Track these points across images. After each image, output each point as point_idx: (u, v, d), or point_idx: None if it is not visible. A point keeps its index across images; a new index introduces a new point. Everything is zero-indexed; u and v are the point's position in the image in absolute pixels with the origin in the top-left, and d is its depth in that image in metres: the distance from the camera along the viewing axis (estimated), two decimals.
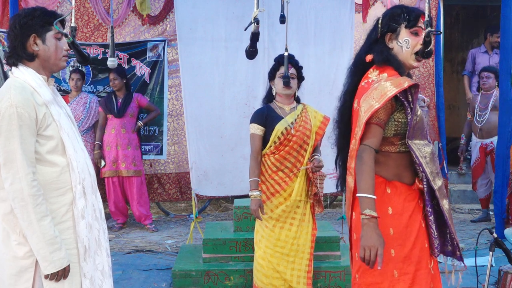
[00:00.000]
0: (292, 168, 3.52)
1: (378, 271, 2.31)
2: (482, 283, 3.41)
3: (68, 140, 2.27)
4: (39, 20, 2.27)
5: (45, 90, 2.28)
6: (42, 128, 2.21)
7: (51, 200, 2.23)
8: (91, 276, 2.31)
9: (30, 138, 2.17)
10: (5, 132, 2.15)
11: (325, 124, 3.60)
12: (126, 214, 6.28)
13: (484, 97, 6.25)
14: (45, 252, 2.16)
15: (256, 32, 2.86)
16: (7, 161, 2.15)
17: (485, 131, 6.18)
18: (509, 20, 5.18)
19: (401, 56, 2.37)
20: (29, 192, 2.13)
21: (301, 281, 3.52)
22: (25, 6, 6.00)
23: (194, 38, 5.05)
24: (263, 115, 3.56)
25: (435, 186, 2.31)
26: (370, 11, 6.31)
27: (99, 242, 2.38)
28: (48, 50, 2.29)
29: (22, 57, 2.28)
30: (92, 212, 2.34)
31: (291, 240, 3.51)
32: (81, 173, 2.28)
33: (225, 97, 5.13)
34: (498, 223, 5.38)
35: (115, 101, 6.03)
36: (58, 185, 2.25)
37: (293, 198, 3.49)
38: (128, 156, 5.99)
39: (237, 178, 5.08)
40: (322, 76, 5.14)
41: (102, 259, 2.39)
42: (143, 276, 4.55)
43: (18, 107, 2.15)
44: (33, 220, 2.14)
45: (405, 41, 2.36)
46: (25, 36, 2.26)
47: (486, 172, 6.28)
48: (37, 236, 2.15)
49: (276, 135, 3.50)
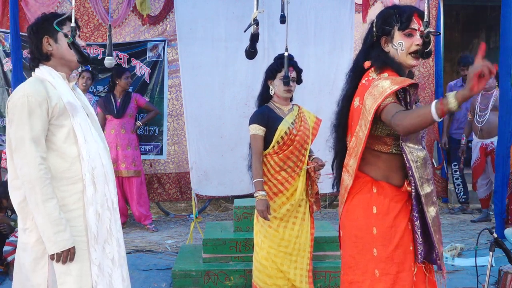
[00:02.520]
0: (294, 167, 3.52)
1: (360, 270, 2.31)
2: (482, 283, 3.40)
3: (79, 130, 2.37)
4: (48, 23, 2.42)
5: (62, 83, 2.41)
6: (54, 117, 2.33)
7: (62, 188, 2.33)
8: (100, 263, 2.38)
9: (40, 126, 2.28)
10: (17, 120, 2.28)
11: (317, 124, 3.65)
12: (126, 214, 6.28)
13: (484, 97, 6.25)
14: (49, 233, 2.25)
15: (255, 33, 2.85)
16: (18, 147, 2.27)
17: (485, 131, 6.18)
18: (509, 20, 5.17)
19: (398, 58, 2.36)
20: (36, 175, 2.24)
21: (303, 280, 3.54)
22: (25, 6, 6.01)
23: (194, 38, 5.05)
24: (264, 115, 3.56)
25: (422, 191, 2.28)
26: (370, 11, 6.32)
27: (110, 231, 2.45)
28: (60, 48, 2.42)
29: (39, 59, 2.44)
30: (103, 201, 2.41)
31: (294, 239, 3.53)
32: (92, 162, 2.37)
33: (225, 97, 5.12)
34: (498, 223, 5.38)
35: (114, 102, 6.03)
36: (69, 174, 2.34)
37: (297, 197, 3.50)
38: (127, 156, 5.99)
39: (237, 178, 5.08)
40: (322, 76, 5.14)
41: (112, 249, 2.46)
42: (143, 276, 4.55)
43: (29, 96, 2.28)
44: (39, 202, 2.24)
45: (399, 44, 2.35)
46: (39, 39, 2.42)
47: (486, 172, 6.28)
48: (42, 216, 2.25)
49: (279, 135, 3.50)
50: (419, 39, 2.32)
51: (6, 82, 6.16)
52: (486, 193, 6.39)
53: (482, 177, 6.34)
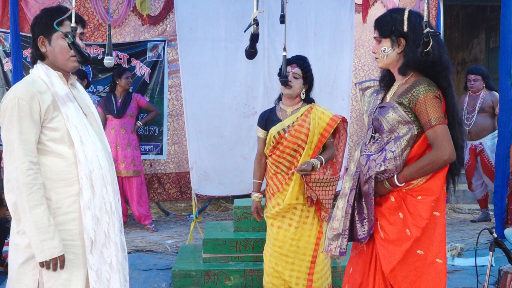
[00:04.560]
0: (287, 171, 3.53)
1: None
2: (482, 283, 3.40)
3: (75, 133, 2.30)
4: (44, 22, 2.35)
5: (57, 83, 2.35)
6: (47, 120, 2.27)
7: (57, 191, 2.28)
8: (98, 268, 2.33)
9: (30, 129, 2.22)
10: (7, 123, 2.23)
11: (331, 125, 3.49)
12: (126, 214, 6.28)
13: (472, 98, 6.26)
14: (36, 240, 2.20)
15: (255, 33, 2.85)
16: (7, 151, 2.23)
17: (474, 133, 6.20)
18: (509, 20, 5.17)
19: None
20: (24, 181, 2.19)
21: (300, 282, 3.50)
22: (25, 6, 6.01)
23: (194, 38, 5.05)
24: (264, 118, 3.63)
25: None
26: (370, 11, 6.31)
27: (108, 235, 2.39)
28: (53, 51, 2.36)
29: (37, 57, 2.39)
30: (101, 204, 2.35)
31: (289, 241, 3.49)
32: (89, 165, 2.31)
33: (225, 97, 5.12)
34: (498, 223, 5.38)
35: (115, 102, 6.03)
36: (64, 176, 2.29)
37: (286, 202, 3.48)
38: (127, 156, 5.99)
39: (237, 178, 5.08)
40: (322, 76, 5.13)
41: (110, 253, 2.39)
42: (143, 276, 4.55)
43: (20, 98, 2.22)
44: (26, 208, 2.19)
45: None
46: (35, 38, 2.37)
47: (478, 172, 6.30)
48: (30, 224, 2.20)
49: (270, 139, 3.54)
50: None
51: (6, 82, 6.16)
52: (482, 194, 6.41)
53: (475, 177, 6.37)
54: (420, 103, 2.38)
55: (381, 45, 2.51)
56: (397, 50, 2.48)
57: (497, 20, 5.78)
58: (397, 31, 2.45)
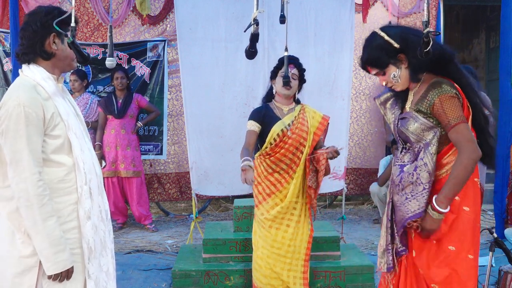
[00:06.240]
0: (287, 169, 3.51)
1: None
2: (482, 283, 3.40)
3: (75, 140, 2.26)
4: (56, 19, 2.26)
5: (54, 88, 2.28)
6: (49, 127, 2.20)
7: (57, 200, 2.21)
8: (96, 277, 2.31)
9: (37, 138, 2.16)
10: (13, 132, 2.13)
11: (323, 124, 3.59)
12: (126, 214, 6.28)
13: None
14: (49, 253, 2.14)
15: (255, 33, 2.85)
16: (14, 161, 2.14)
17: None
18: (509, 20, 5.17)
19: None
20: (35, 192, 2.12)
21: (297, 281, 3.51)
22: (25, 6, 6.01)
23: (194, 38, 5.05)
24: (261, 113, 3.57)
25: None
26: (370, 11, 6.31)
27: (105, 243, 2.38)
28: (65, 50, 2.31)
29: (38, 55, 2.28)
30: (98, 213, 2.33)
31: (288, 241, 3.50)
32: (88, 173, 2.28)
33: (225, 97, 5.12)
34: (498, 223, 5.38)
35: (115, 102, 6.03)
36: (64, 185, 2.24)
37: (288, 200, 3.48)
38: (127, 156, 5.99)
39: (237, 178, 5.04)
40: (322, 76, 5.14)
41: (107, 260, 2.39)
42: (143, 276, 4.55)
43: (25, 106, 2.13)
44: (38, 221, 2.12)
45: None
46: (45, 34, 2.25)
47: None
48: (42, 236, 2.14)
49: (272, 137, 3.50)
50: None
51: (6, 82, 6.16)
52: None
53: None
54: (437, 107, 2.40)
55: (388, 74, 2.51)
56: (404, 66, 2.49)
57: (497, 20, 5.78)
58: (392, 53, 2.45)
